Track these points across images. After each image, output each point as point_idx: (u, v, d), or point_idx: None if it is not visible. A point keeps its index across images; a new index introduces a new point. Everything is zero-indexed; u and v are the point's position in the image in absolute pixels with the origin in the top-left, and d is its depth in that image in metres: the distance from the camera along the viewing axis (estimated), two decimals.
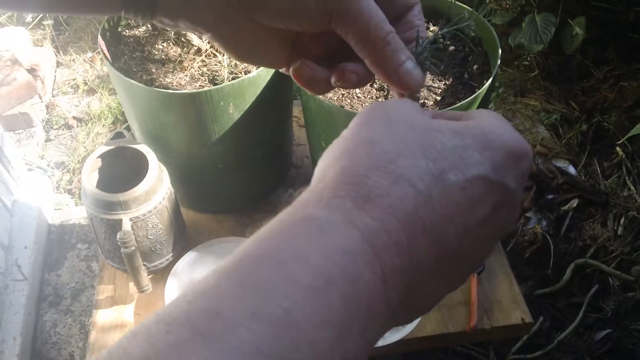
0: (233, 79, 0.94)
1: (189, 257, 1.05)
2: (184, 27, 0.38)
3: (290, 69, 0.41)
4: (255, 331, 0.22)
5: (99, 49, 0.98)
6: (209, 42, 0.99)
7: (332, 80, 0.40)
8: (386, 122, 0.31)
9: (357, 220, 0.27)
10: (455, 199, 0.29)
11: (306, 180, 1.23)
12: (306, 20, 0.37)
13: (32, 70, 2.05)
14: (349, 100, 0.92)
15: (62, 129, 2.06)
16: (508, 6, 1.86)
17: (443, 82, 0.95)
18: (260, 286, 0.24)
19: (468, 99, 0.86)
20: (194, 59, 0.98)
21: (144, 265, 0.97)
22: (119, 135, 0.99)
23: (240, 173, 1.08)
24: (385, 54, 0.36)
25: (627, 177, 1.74)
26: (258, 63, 0.44)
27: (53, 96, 2.17)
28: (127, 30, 1.04)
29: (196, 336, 0.21)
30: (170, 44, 1.01)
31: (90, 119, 2.06)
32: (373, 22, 0.36)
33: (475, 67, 0.96)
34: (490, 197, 0.30)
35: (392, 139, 0.30)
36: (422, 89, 0.44)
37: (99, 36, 0.99)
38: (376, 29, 0.36)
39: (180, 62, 0.98)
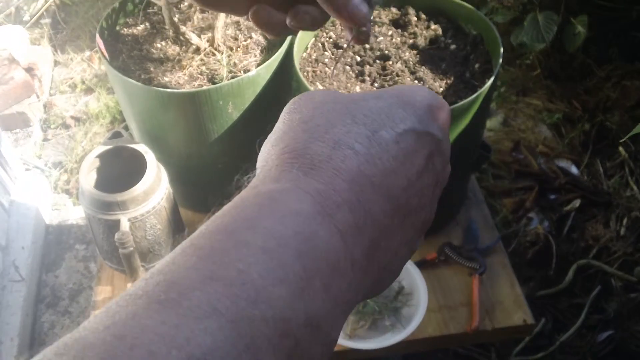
0: (232, 78, 0.93)
1: None
2: None
3: (249, 13, 0.43)
4: (210, 293, 0.23)
5: (97, 48, 0.97)
6: (207, 41, 0.98)
7: (287, 21, 0.42)
8: (312, 104, 0.34)
9: (306, 185, 0.29)
10: (392, 153, 0.31)
11: None
12: None
13: (29, 69, 2.04)
14: None
15: (60, 129, 2.05)
16: (510, 4, 1.85)
17: (444, 81, 0.94)
18: (214, 254, 0.24)
19: (470, 98, 0.84)
20: (193, 57, 0.97)
21: (143, 266, 0.96)
22: (117, 135, 0.99)
23: (239, 173, 1.07)
24: None
25: (630, 177, 1.73)
26: (219, 9, 0.45)
27: (51, 95, 2.16)
28: (125, 29, 1.03)
29: (153, 304, 0.22)
30: (169, 42, 1.00)
31: (88, 119, 2.05)
32: None
33: (476, 66, 0.95)
34: (422, 147, 0.33)
35: (321, 115, 0.32)
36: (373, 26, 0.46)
37: (97, 35, 0.98)
38: None
39: (179, 60, 0.97)
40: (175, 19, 0.97)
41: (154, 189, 0.94)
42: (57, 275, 1.57)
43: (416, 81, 0.94)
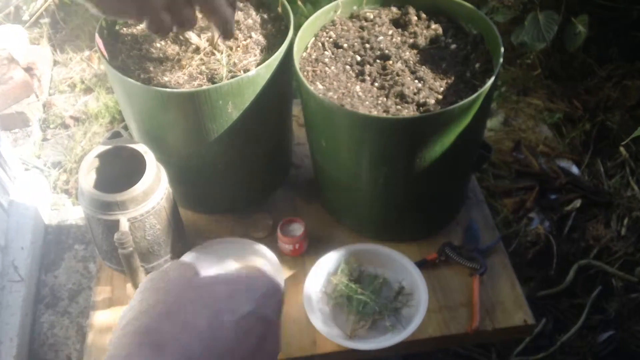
0: (232, 77, 0.93)
1: (187, 258, 1.04)
2: None
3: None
4: None
5: (96, 48, 0.97)
6: (207, 40, 0.98)
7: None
8: (167, 284, 0.38)
9: None
10: (230, 334, 0.36)
11: (306, 180, 1.22)
12: None
13: (28, 69, 2.04)
14: (349, 99, 0.91)
15: (59, 128, 2.04)
16: (510, 4, 1.85)
17: (445, 81, 0.93)
18: None
19: (470, 98, 0.84)
20: (192, 57, 0.97)
21: (142, 266, 0.96)
22: (116, 135, 0.98)
23: (239, 173, 1.07)
24: None
25: (630, 177, 1.73)
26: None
27: (50, 95, 2.16)
28: (124, 29, 1.03)
29: None
30: (169, 42, 1.00)
31: (88, 118, 2.05)
32: None
33: (477, 65, 0.95)
34: (256, 330, 0.38)
35: (174, 298, 0.37)
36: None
37: (97, 34, 0.98)
38: None
39: (179, 60, 0.97)
40: None
41: (154, 189, 0.93)
42: (57, 275, 1.57)
43: (416, 81, 0.93)
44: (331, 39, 1.02)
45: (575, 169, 1.78)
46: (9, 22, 2.29)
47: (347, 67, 0.97)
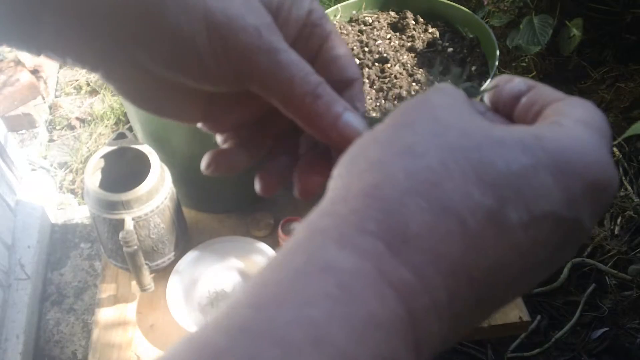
0: None
1: (190, 256, 1.06)
2: (72, 63, 0.31)
3: (202, 166, 0.36)
4: None
5: None
6: None
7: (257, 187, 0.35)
8: (433, 126, 0.24)
9: (391, 272, 0.20)
10: (514, 242, 0.22)
11: None
12: (203, 78, 0.30)
13: (35, 72, 2.06)
14: None
15: (65, 130, 2.07)
16: (506, 8, 1.87)
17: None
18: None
19: None
20: None
21: (146, 264, 0.98)
22: (121, 136, 1.00)
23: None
24: (317, 109, 0.29)
25: (623, 177, 1.75)
26: (164, 115, 0.35)
27: (56, 97, 2.19)
28: None
29: None
30: None
31: (93, 120, 2.08)
32: (297, 76, 0.29)
33: (473, 68, 0.97)
34: (557, 236, 0.23)
35: (439, 152, 0.22)
36: None
37: None
38: (302, 83, 0.29)
39: None
40: None
41: (158, 189, 0.95)
42: (63, 273, 1.59)
43: (414, 84, 0.95)
44: None
45: None
46: None
47: None
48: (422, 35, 1.03)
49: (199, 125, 0.36)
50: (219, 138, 0.37)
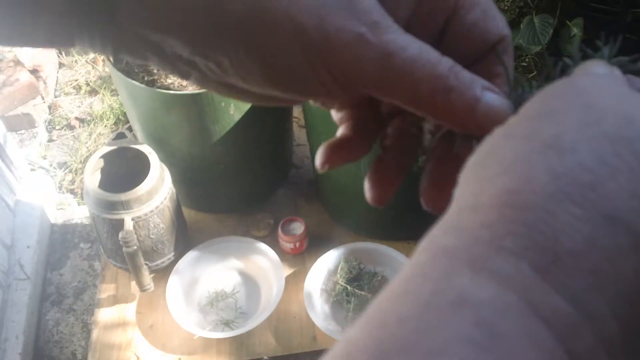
0: None
1: (190, 256, 1.06)
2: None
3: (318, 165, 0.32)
4: None
5: None
6: None
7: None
8: (584, 113, 0.19)
9: (543, 303, 0.16)
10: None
11: (306, 181, 1.24)
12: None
13: (34, 71, 2.06)
14: None
15: (65, 130, 2.07)
16: (506, 8, 1.87)
17: None
18: None
19: None
20: None
21: (146, 264, 0.98)
22: (121, 136, 1.00)
23: (241, 173, 1.09)
24: (452, 102, 0.23)
25: None
26: (286, 90, 0.27)
27: (55, 97, 2.18)
28: None
29: None
30: None
31: (93, 120, 2.07)
32: (421, 74, 0.23)
33: None
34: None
35: (593, 146, 0.18)
36: None
37: None
38: (428, 80, 0.23)
39: None
40: None
41: (157, 189, 0.95)
42: (62, 273, 1.59)
43: None
44: None
45: None
46: None
47: None
48: None
49: (319, 103, 0.31)
50: (335, 115, 0.32)
